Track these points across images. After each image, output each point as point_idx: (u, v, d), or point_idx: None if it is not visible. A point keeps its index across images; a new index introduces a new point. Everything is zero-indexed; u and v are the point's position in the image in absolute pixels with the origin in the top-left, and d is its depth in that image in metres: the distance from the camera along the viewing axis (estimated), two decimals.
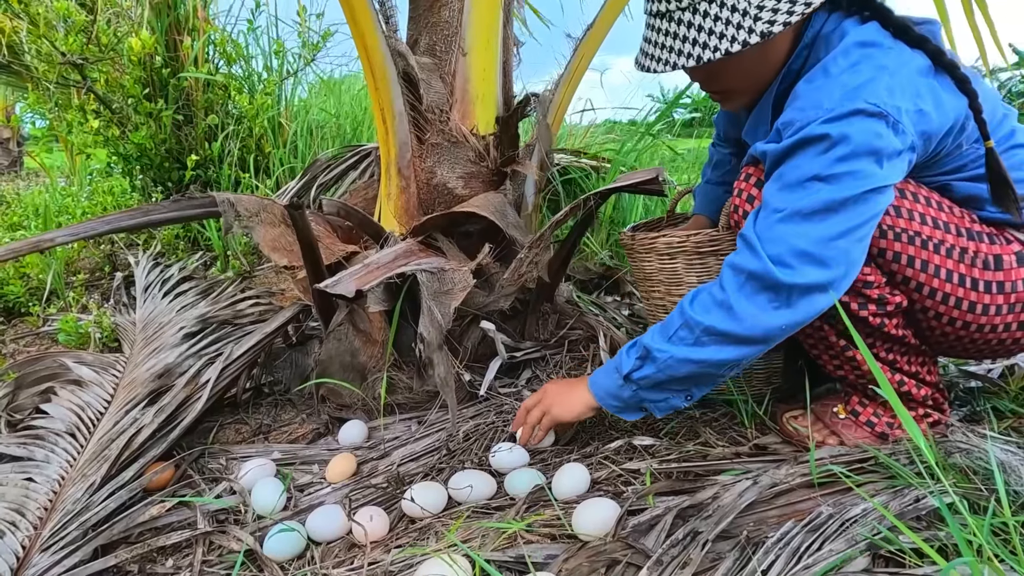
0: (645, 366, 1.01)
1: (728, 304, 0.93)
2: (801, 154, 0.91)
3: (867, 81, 0.88)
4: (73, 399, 1.38)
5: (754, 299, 0.93)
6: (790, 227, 0.90)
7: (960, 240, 0.98)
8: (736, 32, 0.92)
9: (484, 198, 1.43)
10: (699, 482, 1.03)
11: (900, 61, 0.91)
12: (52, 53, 2.42)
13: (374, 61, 1.39)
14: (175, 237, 2.48)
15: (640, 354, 1.02)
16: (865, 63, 0.90)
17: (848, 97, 0.88)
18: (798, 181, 0.90)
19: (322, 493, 1.14)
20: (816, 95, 0.91)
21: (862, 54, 0.92)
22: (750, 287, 0.93)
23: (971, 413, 1.20)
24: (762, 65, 1.02)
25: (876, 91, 0.88)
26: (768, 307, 0.92)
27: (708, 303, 0.96)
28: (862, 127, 0.87)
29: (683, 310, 0.98)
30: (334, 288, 1.14)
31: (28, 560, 0.97)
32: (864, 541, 0.82)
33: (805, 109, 0.91)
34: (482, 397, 1.39)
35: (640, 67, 1.04)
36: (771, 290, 0.91)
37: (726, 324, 0.94)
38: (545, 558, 0.89)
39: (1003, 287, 0.98)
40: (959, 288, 0.98)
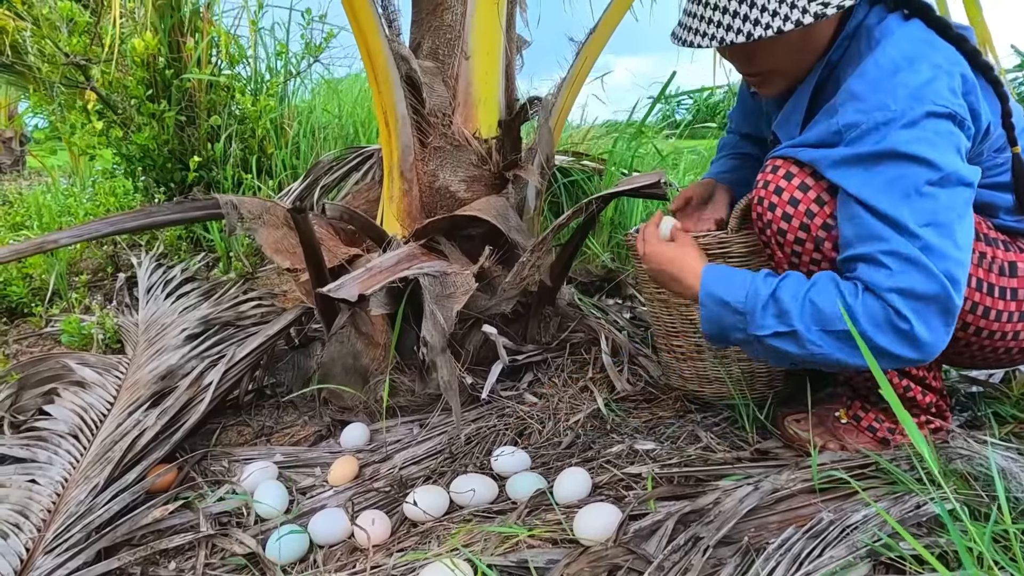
0: (783, 340, 0.93)
1: (912, 334, 0.87)
2: (895, 164, 0.87)
3: (928, 80, 0.88)
4: (76, 400, 1.39)
5: (931, 324, 0.87)
6: (946, 240, 0.86)
7: (979, 244, 0.98)
8: (790, 11, 0.89)
9: (486, 201, 1.43)
10: (700, 487, 1.03)
11: (951, 60, 0.91)
12: (55, 54, 2.42)
13: (377, 65, 1.40)
14: (178, 238, 2.48)
15: (783, 329, 0.92)
16: (921, 61, 0.89)
17: (915, 98, 0.87)
18: (915, 190, 0.86)
19: (324, 496, 1.14)
20: (878, 95, 0.89)
21: (915, 49, 0.91)
22: (928, 312, 0.87)
23: (972, 418, 1.20)
24: (806, 49, 1.00)
25: (940, 91, 0.87)
26: (942, 331, 0.88)
27: (885, 326, 0.87)
28: (939, 128, 0.87)
29: (855, 318, 0.88)
30: (337, 292, 1.14)
31: (32, 562, 0.98)
32: (865, 548, 0.82)
33: (868, 111, 0.89)
34: (484, 400, 1.39)
35: (681, 42, 0.99)
36: (947, 314, 0.87)
37: (904, 351, 0.88)
38: (547, 563, 0.90)
39: (1016, 294, 0.98)
40: (976, 292, 0.98)
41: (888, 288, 0.86)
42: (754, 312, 0.94)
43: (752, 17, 0.90)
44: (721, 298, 0.97)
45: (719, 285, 0.99)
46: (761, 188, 1.02)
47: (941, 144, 0.87)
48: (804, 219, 0.98)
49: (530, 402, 1.40)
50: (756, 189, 1.04)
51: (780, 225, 1.00)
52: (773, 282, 0.95)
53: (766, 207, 1.02)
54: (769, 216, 1.01)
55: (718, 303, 0.98)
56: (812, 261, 1.01)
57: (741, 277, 0.98)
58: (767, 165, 1.03)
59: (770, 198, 1.01)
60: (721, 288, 0.98)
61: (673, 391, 1.39)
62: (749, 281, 0.96)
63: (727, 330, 0.98)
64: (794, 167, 0.99)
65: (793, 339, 0.92)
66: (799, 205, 0.98)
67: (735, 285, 0.97)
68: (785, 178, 0.99)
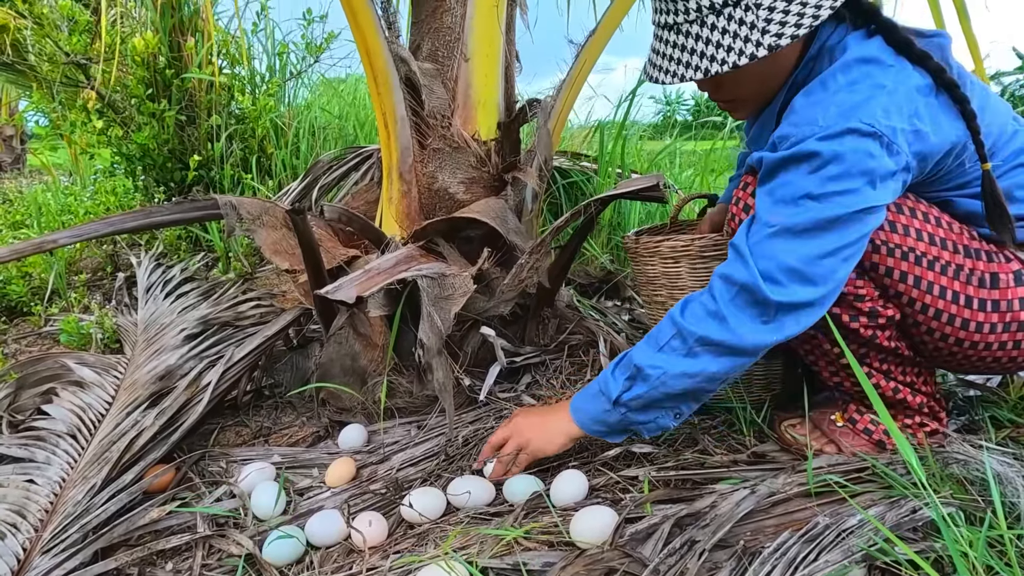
0: (635, 386, 0.99)
1: (721, 314, 0.93)
2: (794, 170, 0.91)
3: (863, 100, 0.88)
4: (74, 400, 1.39)
5: (744, 311, 0.93)
6: (780, 243, 0.90)
7: (956, 257, 0.98)
8: (744, 45, 0.91)
9: (485, 203, 1.43)
10: (697, 490, 1.03)
11: (899, 80, 0.90)
12: (56, 53, 2.43)
13: (376, 66, 1.40)
14: (177, 238, 2.48)
15: (629, 374, 0.99)
16: (863, 81, 0.90)
17: (843, 115, 0.88)
18: (791, 197, 0.90)
19: (321, 497, 1.15)
20: (812, 111, 0.91)
21: (861, 71, 0.91)
22: (740, 299, 0.93)
23: (969, 422, 1.20)
24: (770, 76, 1.02)
25: (871, 110, 0.87)
26: (757, 321, 0.92)
27: (700, 313, 0.95)
28: (855, 146, 0.87)
29: (674, 320, 0.97)
30: (335, 294, 1.14)
31: (29, 562, 0.98)
32: (860, 552, 0.82)
33: (799, 124, 0.91)
34: (482, 402, 1.39)
35: (649, 78, 1.04)
36: (760, 305, 0.92)
37: (720, 334, 0.93)
38: (543, 566, 0.90)
39: (998, 305, 0.98)
40: (952, 305, 0.98)
41: (716, 273, 0.96)
42: (606, 382, 1.02)
43: (708, 54, 0.94)
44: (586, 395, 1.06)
45: (580, 394, 1.08)
46: (733, 205, 1.07)
47: (849, 162, 0.87)
48: None
49: (528, 404, 1.40)
50: (730, 206, 1.08)
51: None
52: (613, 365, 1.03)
53: (737, 223, 1.07)
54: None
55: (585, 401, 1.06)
56: None
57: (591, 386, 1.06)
58: (740, 181, 1.07)
59: (740, 215, 1.06)
60: (582, 393, 1.07)
61: None
62: (600, 376, 1.05)
63: (605, 420, 1.04)
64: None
65: (640, 376, 0.99)
66: None
67: (589, 389, 1.06)
68: (752, 195, 1.03)
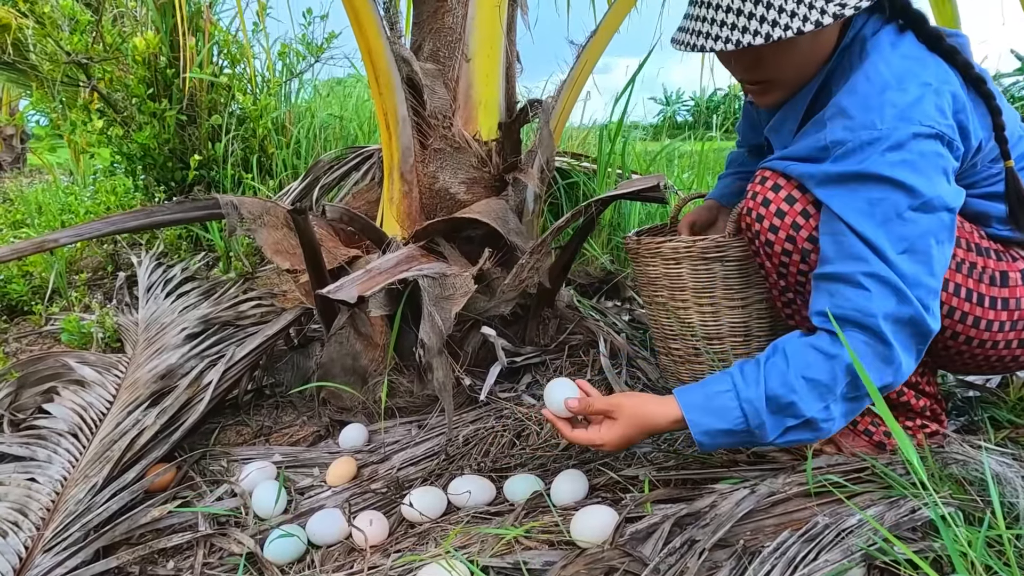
0: (797, 432, 0.91)
1: (894, 359, 0.88)
2: (879, 187, 0.87)
3: (916, 100, 0.87)
4: (75, 399, 1.39)
5: (908, 347, 0.88)
6: (922, 267, 0.87)
7: (970, 255, 0.98)
8: (808, 11, 0.85)
9: (486, 204, 1.44)
10: (697, 490, 1.03)
11: (940, 77, 0.90)
12: (57, 52, 2.43)
13: (378, 66, 1.40)
14: (178, 237, 2.49)
15: (794, 423, 0.90)
16: (910, 78, 0.89)
17: (902, 118, 0.87)
18: (896, 214, 0.87)
19: (322, 496, 1.15)
20: (866, 114, 0.88)
21: (905, 66, 0.91)
22: (906, 334, 0.88)
23: (969, 423, 1.21)
24: (812, 58, 0.98)
25: (927, 111, 0.87)
26: (915, 354, 0.89)
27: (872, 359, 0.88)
28: (923, 149, 0.87)
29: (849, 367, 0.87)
30: (336, 294, 1.14)
31: (31, 560, 0.98)
32: (860, 552, 0.82)
33: (856, 129, 0.89)
34: (482, 402, 1.40)
35: (686, 46, 0.94)
36: (921, 336, 0.88)
37: (887, 378, 0.89)
38: (543, 565, 0.90)
39: (1007, 304, 0.98)
40: (965, 303, 0.98)
41: (873, 313, 0.87)
42: (762, 425, 0.90)
43: (769, 18, 0.85)
44: (719, 429, 0.92)
45: (707, 417, 0.92)
46: (750, 199, 1.03)
47: (925, 167, 0.87)
48: (790, 231, 0.99)
49: (528, 404, 1.41)
50: (745, 199, 1.04)
51: (767, 236, 1.01)
52: (760, 382, 0.90)
53: (754, 218, 1.02)
54: (757, 227, 1.02)
55: (720, 435, 0.93)
56: (799, 272, 1.02)
57: (722, 396, 0.92)
58: (756, 175, 1.03)
59: (758, 209, 1.01)
60: (712, 419, 0.92)
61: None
62: (734, 396, 0.91)
63: (742, 445, 1.00)
64: (782, 179, 1.00)
65: (808, 427, 0.91)
66: (785, 217, 0.99)
67: (724, 408, 0.92)
68: (773, 190, 1.00)
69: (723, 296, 1.22)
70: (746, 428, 0.91)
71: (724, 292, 1.22)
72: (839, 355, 0.88)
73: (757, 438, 0.92)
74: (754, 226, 1.03)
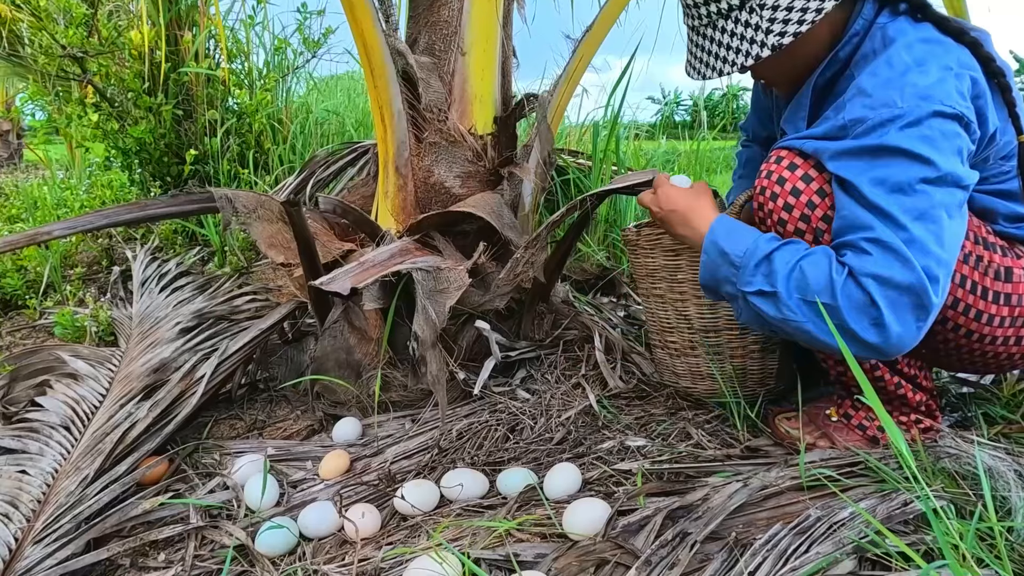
0: (764, 300, 0.94)
1: (882, 322, 0.87)
2: (895, 159, 0.88)
3: (937, 82, 0.88)
4: (68, 392, 1.38)
5: (903, 316, 0.87)
6: (930, 236, 0.86)
7: (977, 248, 0.98)
8: (750, 47, 0.95)
9: (480, 198, 1.43)
10: (690, 483, 1.03)
11: (962, 62, 0.91)
12: (52, 46, 2.42)
13: (373, 59, 1.40)
14: (173, 232, 2.48)
15: (767, 288, 0.93)
16: (932, 62, 0.90)
17: (923, 97, 0.87)
18: (908, 184, 0.87)
19: (315, 489, 1.14)
20: (886, 92, 0.89)
21: (927, 50, 0.91)
22: (901, 303, 0.86)
23: (962, 419, 1.21)
24: (795, 60, 1.03)
25: (948, 92, 0.88)
26: (913, 325, 0.87)
27: (857, 308, 0.88)
28: (943, 128, 0.87)
29: (835, 295, 0.88)
30: (330, 286, 1.14)
31: (21, 552, 0.98)
32: (851, 544, 0.82)
33: (876, 107, 0.89)
34: (476, 396, 1.39)
35: (687, 74, 1.08)
36: (921, 308, 0.86)
37: (871, 336, 0.88)
38: (535, 557, 0.90)
39: (1009, 299, 0.98)
40: (970, 295, 0.98)
41: (866, 273, 0.87)
42: (746, 268, 0.96)
43: (720, 55, 0.99)
44: (722, 248, 0.99)
45: (725, 236, 1.00)
46: (764, 177, 1.02)
47: (943, 144, 0.87)
48: (805, 210, 0.98)
49: (522, 398, 1.40)
50: (759, 179, 1.03)
51: (781, 215, 1.00)
52: (773, 244, 0.96)
53: (768, 196, 1.01)
54: (771, 206, 1.01)
55: (719, 253, 0.99)
56: None
57: (747, 233, 0.99)
58: (771, 155, 1.03)
59: (772, 188, 1.00)
60: (725, 239, 1.00)
61: (665, 389, 1.39)
62: (752, 239, 0.97)
63: (720, 281, 1.00)
64: (798, 158, 0.99)
65: (773, 301, 0.93)
66: (801, 196, 0.98)
67: (739, 239, 0.98)
68: (789, 168, 0.99)
69: None
70: (737, 263, 0.97)
71: None
72: (832, 277, 0.89)
73: (737, 277, 0.97)
74: (767, 204, 1.02)
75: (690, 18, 1.04)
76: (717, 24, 0.99)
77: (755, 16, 0.94)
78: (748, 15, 0.95)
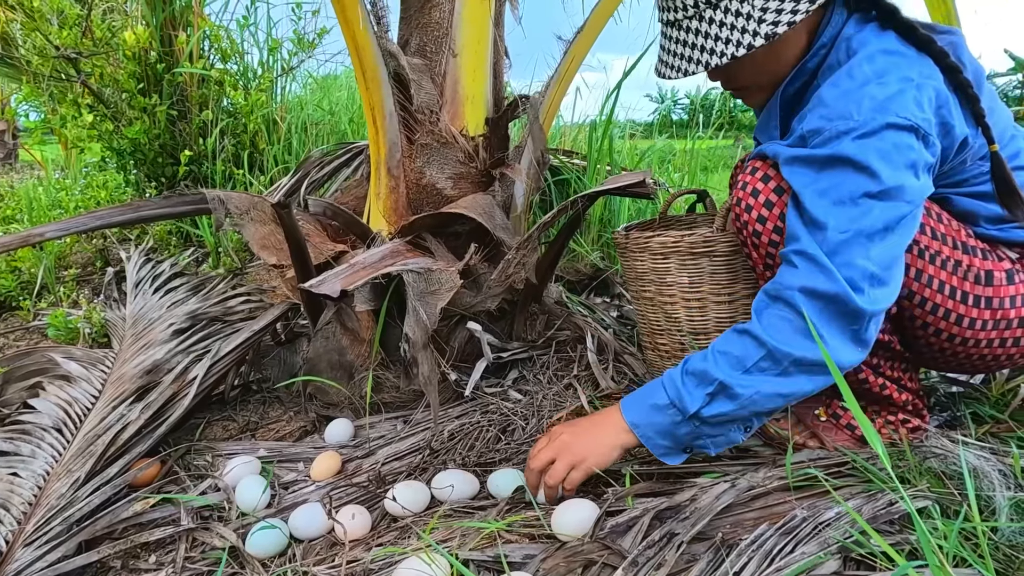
0: (718, 402, 0.91)
1: (818, 333, 0.87)
2: (841, 170, 0.88)
3: (896, 93, 0.88)
4: (61, 394, 1.39)
5: (833, 324, 0.88)
6: (857, 248, 0.87)
7: (955, 253, 0.99)
8: (741, 36, 0.93)
9: (472, 199, 1.44)
10: (678, 484, 1.04)
11: (924, 73, 0.91)
12: (46, 46, 2.41)
13: (365, 61, 1.40)
14: (167, 233, 2.48)
15: (711, 390, 0.91)
16: (892, 72, 0.90)
17: (879, 110, 0.87)
18: (849, 198, 0.88)
19: (306, 491, 1.15)
20: (844, 104, 0.90)
21: (888, 61, 0.92)
22: (829, 313, 0.88)
23: (951, 418, 1.21)
24: (774, 64, 1.02)
25: (905, 104, 0.88)
26: (847, 334, 0.88)
27: (788, 330, 0.88)
28: (897, 141, 0.87)
29: (758, 338, 0.90)
30: (319, 288, 1.14)
31: (11, 554, 0.98)
32: (836, 544, 0.83)
33: (832, 119, 0.90)
34: (468, 397, 1.40)
35: (659, 74, 1.06)
36: (850, 316, 0.87)
37: (817, 354, 0.87)
38: (523, 558, 0.90)
39: (991, 303, 0.99)
40: (949, 300, 0.99)
41: (792, 286, 0.89)
42: (679, 394, 0.94)
43: (707, 47, 0.97)
44: (647, 405, 0.97)
45: (636, 402, 0.98)
46: (739, 189, 1.03)
47: (894, 157, 0.87)
48: (778, 222, 0.99)
49: (514, 399, 1.41)
50: (735, 190, 1.05)
51: (755, 227, 1.01)
52: (680, 364, 0.97)
53: (743, 208, 1.03)
54: (745, 217, 1.02)
55: (648, 411, 0.96)
56: None
57: (651, 384, 0.99)
58: (747, 166, 1.04)
59: (747, 199, 1.02)
60: (638, 402, 0.98)
61: None
62: (660, 380, 0.98)
63: (673, 433, 0.95)
64: (771, 170, 1.00)
65: (725, 394, 0.91)
66: (773, 208, 0.99)
67: (649, 391, 0.98)
68: (762, 180, 1.01)
69: (710, 291, 1.23)
70: (668, 402, 0.94)
71: (711, 287, 1.22)
72: (748, 329, 0.91)
73: (681, 408, 0.93)
74: (742, 216, 1.03)
75: (670, 11, 1.00)
76: (704, 15, 0.96)
77: (747, 5, 0.92)
78: (740, 4, 0.93)
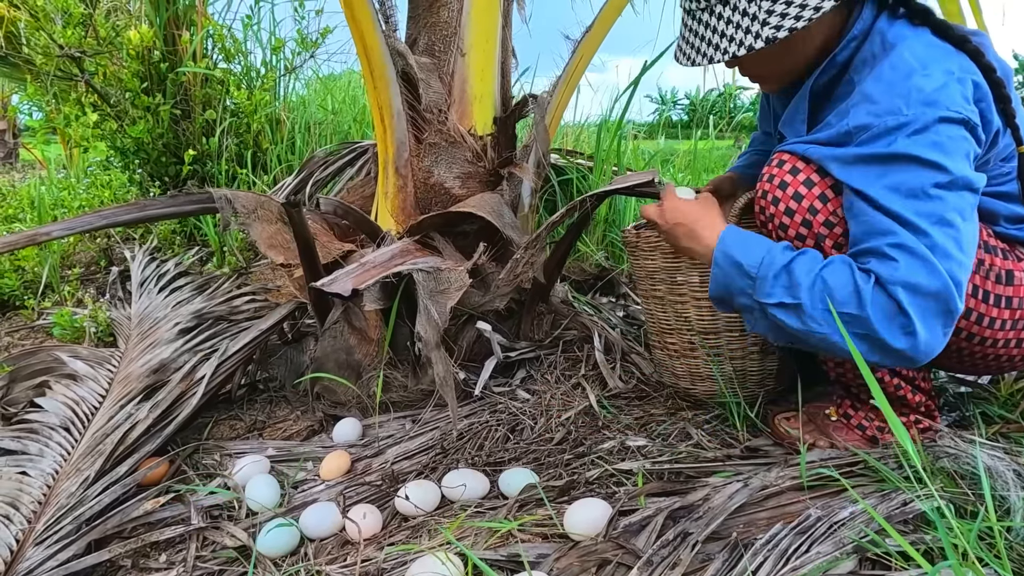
0: (787, 312, 0.91)
1: (912, 330, 0.85)
2: (907, 166, 0.87)
3: (942, 86, 0.88)
4: (68, 393, 1.38)
5: (930, 323, 0.86)
6: (948, 239, 0.85)
7: (978, 251, 0.98)
8: (744, 36, 0.94)
9: (481, 198, 1.44)
10: (691, 483, 1.04)
11: (964, 67, 0.91)
12: (50, 45, 2.41)
13: (373, 60, 1.40)
14: (172, 232, 2.48)
15: (789, 301, 0.91)
16: (935, 66, 0.90)
17: (929, 103, 0.87)
18: (921, 190, 0.86)
19: (316, 490, 1.15)
20: (891, 98, 0.89)
21: (929, 55, 0.91)
22: (928, 310, 0.85)
23: (960, 418, 1.21)
24: (789, 58, 1.02)
25: (953, 97, 0.88)
26: (940, 331, 0.87)
27: (887, 317, 0.86)
28: (952, 134, 0.87)
29: (861, 301, 0.87)
30: (330, 287, 1.14)
31: (22, 553, 0.98)
32: (852, 544, 0.83)
33: (880, 114, 0.89)
34: (477, 396, 1.40)
35: (676, 59, 1.06)
36: (947, 315, 0.86)
37: (902, 344, 0.86)
38: (537, 557, 0.90)
39: (1011, 302, 0.99)
40: (971, 298, 0.98)
41: (895, 281, 0.86)
42: (765, 279, 0.93)
43: (714, 43, 0.98)
44: (736, 259, 0.97)
45: (737, 246, 0.98)
46: (766, 182, 1.02)
47: (951, 149, 0.87)
48: (807, 215, 0.98)
49: (523, 398, 1.41)
50: (760, 182, 1.03)
51: (782, 220, 1.00)
52: (790, 254, 0.94)
53: (769, 201, 1.01)
54: (772, 210, 1.01)
55: (732, 264, 0.97)
56: None
57: (760, 243, 0.97)
58: (773, 159, 1.03)
59: (774, 192, 1.00)
60: (738, 250, 0.97)
61: (665, 389, 1.40)
62: (767, 248, 0.95)
63: (734, 293, 0.98)
64: (800, 162, 0.99)
65: (796, 313, 0.91)
66: (803, 201, 0.98)
67: (752, 249, 0.96)
68: (791, 173, 0.99)
69: None
70: (753, 274, 0.94)
71: None
72: (860, 288, 0.87)
73: (754, 289, 0.94)
74: (768, 209, 1.02)
75: (688, 0, 1.02)
76: (715, 10, 0.97)
77: (753, 5, 0.93)
78: (747, 4, 0.93)
